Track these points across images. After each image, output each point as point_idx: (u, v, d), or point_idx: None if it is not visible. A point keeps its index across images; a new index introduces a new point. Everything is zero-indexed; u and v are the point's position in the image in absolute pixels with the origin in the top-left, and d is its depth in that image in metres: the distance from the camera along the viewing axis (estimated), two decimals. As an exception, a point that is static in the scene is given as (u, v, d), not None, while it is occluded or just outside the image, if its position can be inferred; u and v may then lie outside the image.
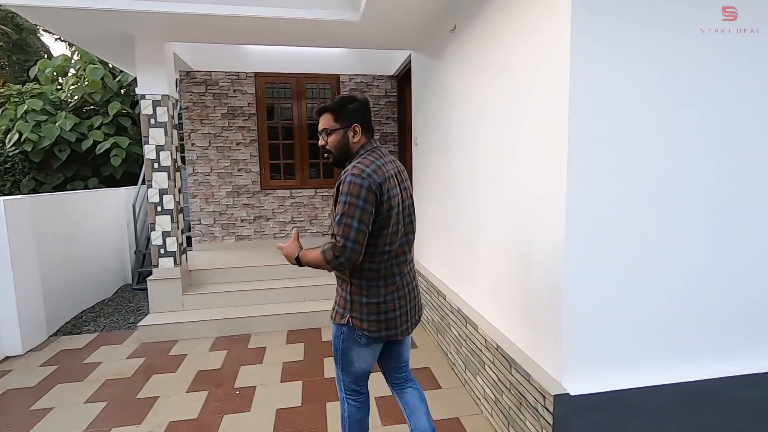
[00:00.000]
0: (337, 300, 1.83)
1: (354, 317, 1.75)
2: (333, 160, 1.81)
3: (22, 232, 3.67)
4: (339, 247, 1.58)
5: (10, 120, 7.92)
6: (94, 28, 3.69)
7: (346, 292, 1.77)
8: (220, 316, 4.04)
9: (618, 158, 1.81)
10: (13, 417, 2.70)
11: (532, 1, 2.01)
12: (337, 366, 1.88)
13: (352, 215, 1.58)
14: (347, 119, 1.76)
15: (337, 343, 1.83)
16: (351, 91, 5.67)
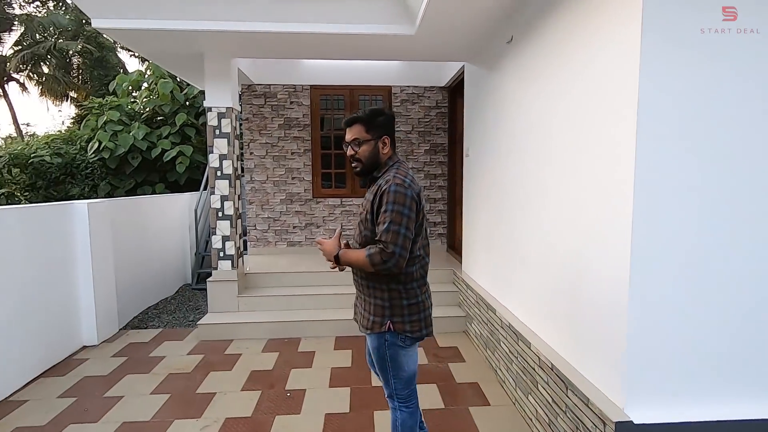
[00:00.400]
0: (369, 310, 1.84)
1: (395, 321, 1.80)
2: (361, 169, 1.86)
3: (101, 233, 4.02)
4: (388, 253, 1.64)
5: (92, 130, 8.73)
6: (170, 46, 4.01)
7: (383, 299, 1.80)
8: (272, 319, 4.20)
9: (689, 172, 1.71)
10: (89, 402, 2.95)
11: (600, 16, 1.96)
12: (386, 375, 1.89)
13: (400, 222, 1.65)
14: (378, 131, 1.82)
15: (381, 351, 1.85)
16: (402, 103, 5.76)
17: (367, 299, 1.86)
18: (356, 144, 1.83)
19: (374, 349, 1.87)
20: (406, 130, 5.78)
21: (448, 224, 5.86)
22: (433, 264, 5.04)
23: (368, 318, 1.85)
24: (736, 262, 1.75)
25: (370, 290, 1.84)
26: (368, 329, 1.85)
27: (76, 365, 3.52)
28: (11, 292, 3.12)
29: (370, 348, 1.90)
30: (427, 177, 5.85)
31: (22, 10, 18.54)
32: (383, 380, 1.93)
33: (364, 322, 1.87)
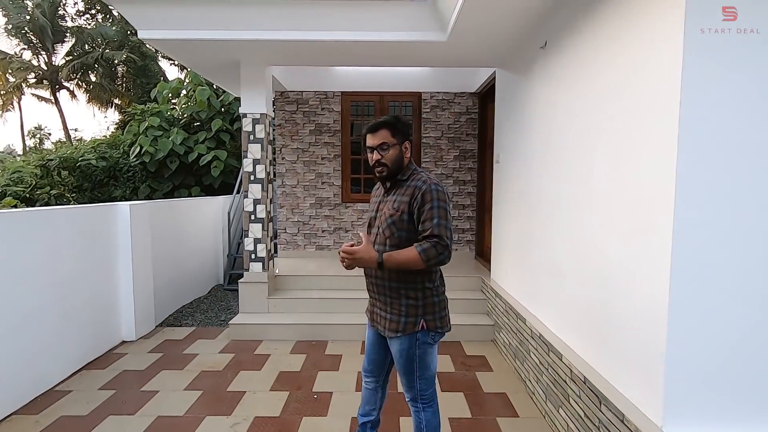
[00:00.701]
0: (400, 312, 1.87)
1: (428, 320, 1.87)
2: (387, 173, 1.89)
3: (141, 233, 4.21)
4: (443, 246, 1.75)
5: (134, 135, 9.16)
6: (208, 55, 4.18)
7: (416, 299, 1.87)
8: (301, 321, 4.26)
9: (733, 181, 1.63)
10: (127, 395, 3.08)
11: (643, 18, 1.91)
12: (411, 376, 1.92)
13: (446, 218, 1.79)
14: (401, 136, 1.90)
15: (411, 353, 1.88)
16: (432, 109, 5.76)
17: (395, 302, 1.88)
18: (382, 148, 1.87)
19: (402, 351, 1.88)
20: (435, 135, 5.77)
21: (477, 231, 5.79)
22: (461, 271, 5.02)
23: (399, 321, 1.86)
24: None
25: (401, 292, 1.86)
26: (400, 332, 1.86)
27: (115, 359, 3.69)
28: (61, 287, 3.31)
29: (398, 351, 1.90)
30: (456, 183, 5.81)
31: (74, 22, 19.74)
32: (407, 382, 1.94)
33: (393, 326, 1.87)
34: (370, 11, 3.51)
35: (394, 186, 1.93)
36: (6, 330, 2.80)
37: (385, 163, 1.87)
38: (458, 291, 4.72)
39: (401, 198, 1.85)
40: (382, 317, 1.94)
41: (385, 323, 1.92)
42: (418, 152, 5.79)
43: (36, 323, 3.07)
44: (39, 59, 18.91)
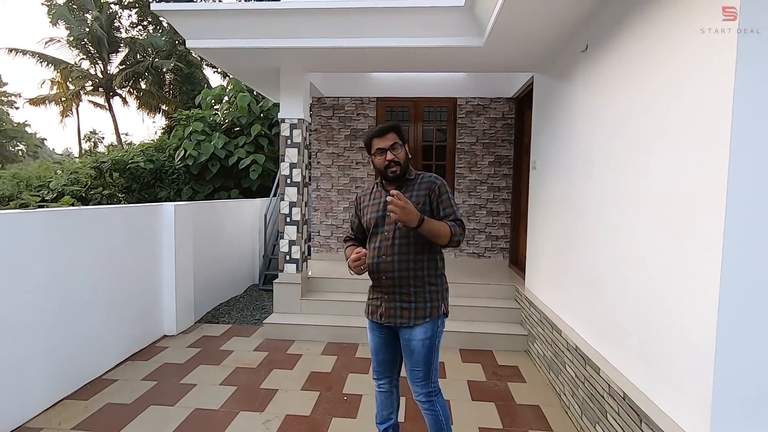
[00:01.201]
0: (426, 298, 1.99)
1: (445, 305, 2.06)
2: (400, 172, 2.02)
3: (184, 232, 4.42)
4: (464, 227, 1.99)
5: (179, 139, 9.62)
6: (250, 62, 4.35)
7: (437, 284, 2.04)
8: (332, 323, 4.32)
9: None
10: (167, 387, 3.23)
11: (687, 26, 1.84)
12: (429, 365, 2.00)
13: (456, 206, 2.06)
14: (403, 139, 2.08)
15: (435, 338, 2.00)
16: (467, 114, 5.72)
17: (420, 290, 1.99)
18: (394, 148, 2.00)
19: (426, 340, 1.96)
20: (470, 141, 5.73)
21: (512, 239, 5.68)
22: (494, 279, 4.94)
23: (425, 307, 1.98)
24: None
25: (426, 279, 2.00)
26: (427, 317, 1.97)
27: (157, 352, 3.87)
28: (112, 281, 3.52)
29: (421, 339, 1.96)
30: (491, 189, 5.73)
31: (127, 33, 21.02)
32: (424, 373, 1.99)
33: (421, 314, 1.97)
34: (406, 18, 3.55)
35: (402, 185, 2.06)
36: (63, 319, 3.01)
37: (398, 162, 2.00)
38: (491, 299, 4.65)
39: (418, 192, 2.02)
40: (405, 309, 1.99)
41: (409, 313, 1.98)
42: (452, 158, 5.77)
43: (89, 314, 3.28)
44: (96, 68, 20.24)
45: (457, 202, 5.74)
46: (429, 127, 5.83)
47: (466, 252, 5.78)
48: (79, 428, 2.66)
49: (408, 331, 1.99)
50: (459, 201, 5.77)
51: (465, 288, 4.74)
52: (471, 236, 5.76)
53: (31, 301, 2.76)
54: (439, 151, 5.83)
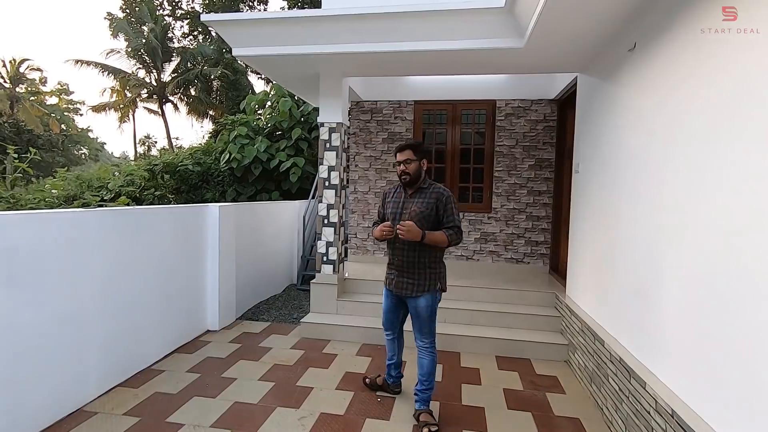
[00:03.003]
0: (427, 278, 2.73)
1: (441, 284, 2.79)
2: (409, 180, 2.72)
3: (228, 232, 4.61)
4: (461, 232, 2.71)
5: (224, 143, 10.04)
6: (292, 68, 4.49)
7: (435, 269, 2.76)
8: (367, 324, 4.35)
9: None
10: (209, 379, 3.37)
11: (746, 11, 1.72)
12: (430, 325, 2.81)
13: (458, 215, 2.73)
14: (420, 155, 2.74)
15: (434, 307, 2.79)
16: (506, 117, 5.61)
17: (421, 272, 2.73)
18: (408, 163, 2.71)
19: (427, 307, 2.76)
20: (509, 144, 5.61)
21: (552, 245, 5.50)
22: (533, 286, 4.81)
23: (425, 284, 2.73)
24: None
25: (428, 263, 2.72)
26: (426, 291, 2.73)
27: (201, 346, 4.05)
28: (162, 276, 3.73)
29: (422, 307, 2.75)
30: (531, 194, 5.58)
31: (179, 43, 22.24)
32: (426, 330, 2.81)
33: (421, 288, 2.74)
34: (445, 21, 3.54)
35: (417, 192, 2.75)
36: (118, 311, 3.22)
37: (408, 173, 2.71)
38: (530, 306, 4.52)
39: (428, 200, 2.69)
40: (413, 283, 2.75)
41: (414, 287, 2.75)
42: (490, 161, 5.67)
43: (141, 307, 3.49)
44: (150, 77, 21.54)
45: (495, 206, 5.64)
46: (467, 130, 5.76)
47: (504, 258, 5.66)
48: (129, 414, 2.84)
49: (413, 300, 2.78)
50: (497, 205, 5.66)
51: (502, 294, 4.64)
52: (509, 241, 5.64)
53: (91, 292, 2.98)
54: (477, 154, 5.75)
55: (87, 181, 10.24)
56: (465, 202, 5.79)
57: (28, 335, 2.53)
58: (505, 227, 5.64)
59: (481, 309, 4.44)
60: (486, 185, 5.71)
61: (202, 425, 2.73)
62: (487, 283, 4.85)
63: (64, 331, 2.77)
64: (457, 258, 5.77)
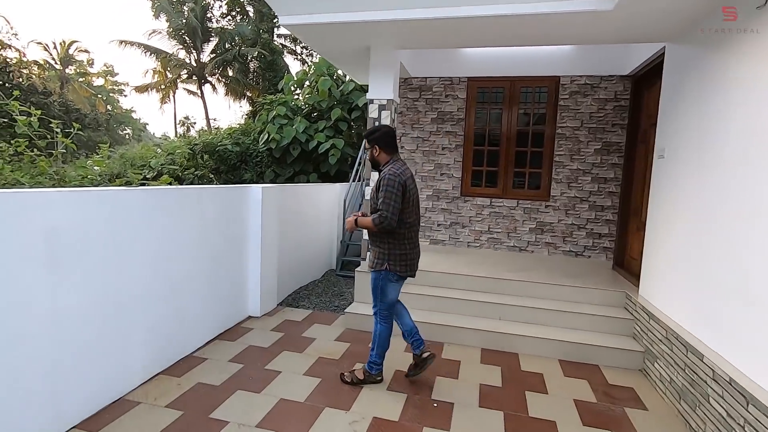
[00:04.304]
0: (375, 255, 2.94)
1: (390, 264, 2.84)
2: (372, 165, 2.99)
3: (270, 214, 4.39)
4: (383, 217, 2.68)
5: (263, 123, 9.89)
6: (341, 40, 4.15)
7: (383, 249, 2.87)
8: (415, 318, 4.04)
9: None
10: (253, 371, 3.19)
11: None
12: (375, 299, 3.01)
13: (391, 198, 2.69)
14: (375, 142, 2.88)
15: (378, 283, 2.92)
16: (571, 95, 5.07)
17: (374, 250, 2.91)
18: (366, 149, 2.95)
19: (372, 280, 2.93)
20: (573, 126, 5.09)
21: (618, 237, 4.99)
22: (595, 282, 4.37)
23: (373, 260, 2.90)
24: None
25: (377, 243, 2.86)
26: (373, 267, 2.90)
27: (243, 333, 3.89)
28: (206, 260, 3.56)
29: (370, 280, 2.95)
30: (595, 181, 5.06)
31: (218, 24, 22.27)
32: (373, 301, 2.99)
33: (371, 264, 2.92)
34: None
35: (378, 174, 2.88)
36: (162, 295, 3.07)
37: (371, 159, 2.95)
38: (595, 306, 4.09)
39: (376, 184, 2.81)
40: (369, 258, 2.99)
41: (369, 261, 2.98)
42: (551, 144, 5.17)
43: (185, 291, 3.33)
44: (190, 57, 21.76)
45: (554, 194, 5.16)
46: (526, 109, 5.27)
47: (562, 250, 5.20)
48: (172, 406, 2.68)
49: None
50: (557, 193, 5.18)
51: (564, 291, 4.22)
52: (569, 232, 5.17)
53: (136, 276, 2.82)
54: (536, 137, 5.26)
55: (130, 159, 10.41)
56: (520, 188, 5.34)
57: (71, 321, 2.38)
58: (564, 217, 5.16)
59: (540, 306, 4.05)
60: (545, 171, 5.23)
61: (247, 424, 2.53)
62: (545, 278, 4.44)
63: (107, 316, 2.62)
64: (509, 249, 5.36)
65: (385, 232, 2.77)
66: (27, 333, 2.16)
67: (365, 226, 2.83)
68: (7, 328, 2.06)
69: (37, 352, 2.21)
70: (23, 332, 2.14)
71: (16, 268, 2.08)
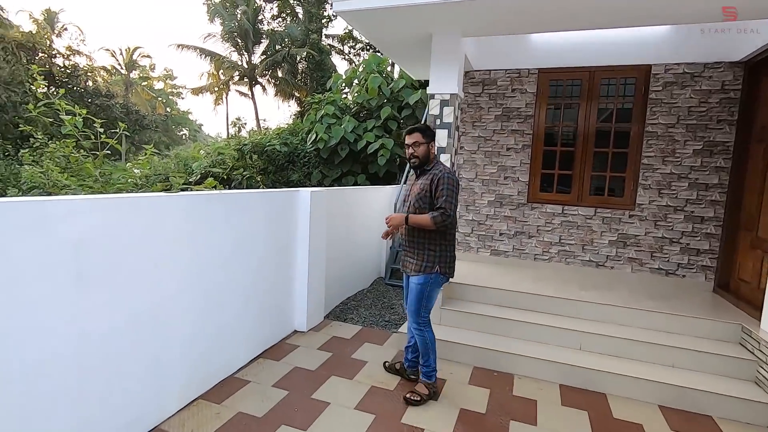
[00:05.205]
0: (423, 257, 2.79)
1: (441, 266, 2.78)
2: (418, 163, 2.82)
3: (319, 220, 4.05)
4: (445, 213, 2.61)
5: (311, 123, 9.69)
6: (400, 27, 3.72)
7: (433, 251, 2.77)
8: (478, 343, 3.55)
9: None
10: (298, 401, 2.82)
11: None
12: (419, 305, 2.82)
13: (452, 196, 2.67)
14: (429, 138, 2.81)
15: (426, 289, 2.79)
16: (665, 87, 4.33)
17: (420, 252, 2.77)
18: (417, 146, 2.79)
19: (417, 286, 2.77)
20: (667, 122, 4.35)
21: (722, 255, 4.20)
22: (693, 308, 3.63)
23: (421, 264, 2.76)
24: None
25: (426, 244, 2.74)
26: (420, 271, 2.76)
27: (288, 351, 3.56)
28: (251, 270, 3.25)
29: (414, 284, 2.79)
30: (694, 186, 4.30)
31: (269, 26, 22.65)
32: (413, 309, 2.81)
33: (417, 268, 2.77)
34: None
35: (422, 174, 2.82)
36: (201, 311, 2.77)
37: (417, 156, 2.79)
38: (700, 339, 3.40)
39: (425, 181, 2.73)
40: (410, 262, 2.85)
41: (411, 267, 2.83)
42: (638, 144, 4.46)
43: (227, 306, 3.04)
44: (242, 59, 22.28)
45: (641, 202, 4.44)
46: (607, 104, 4.58)
47: (649, 267, 4.48)
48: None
49: (411, 278, 2.84)
50: (644, 200, 4.45)
51: (656, 318, 3.56)
52: (658, 247, 4.43)
53: (173, 291, 2.53)
54: (620, 136, 4.56)
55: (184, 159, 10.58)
56: (599, 194, 4.66)
57: (101, 345, 2.11)
58: (653, 229, 4.44)
59: (627, 337, 3.42)
60: (629, 175, 4.52)
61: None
62: (630, 301, 3.78)
63: (141, 337, 2.34)
64: (584, 263, 4.70)
65: (437, 233, 2.71)
66: (51, 360, 1.89)
67: (420, 224, 2.67)
68: (29, 356, 1.80)
69: (62, 381, 1.95)
70: (47, 359, 1.87)
71: (39, 287, 1.82)
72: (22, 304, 1.76)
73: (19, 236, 1.73)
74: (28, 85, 14.72)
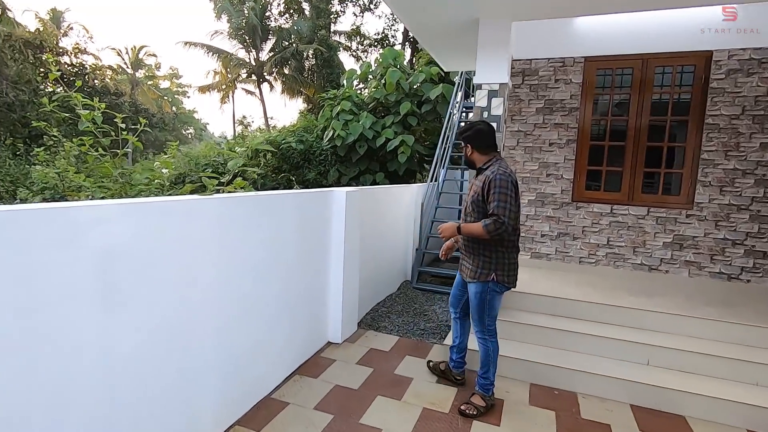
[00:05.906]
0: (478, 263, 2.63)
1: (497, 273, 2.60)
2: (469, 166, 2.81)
3: (354, 222, 3.74)
4: (498, 221, 2.41)
5: (326, 119, 9.38)
6: (444, 11, 3.39)
7: (489, 257, 2.60)
8: (533, 357, 3.23)
9: None
10: (346, 427, 2.51)
11: None
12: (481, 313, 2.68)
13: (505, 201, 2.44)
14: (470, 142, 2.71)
15: (485, 297, 2.64)
16: (728, 74, 3.98)
17: (476, 258, 2.62)
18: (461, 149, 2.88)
19: (476, 294, 2.63)
20: (730, 113, 3.99)
21: (792, 258, 3.84)
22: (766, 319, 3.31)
23: (477, 271, 2.60)
24: None
25: (481, 250, 2.59)
26: (476, 278, 2.60)
27: (325, 365, 3.25)
28: (282, 278, 2.93)
29: (472, 293, 2.66)
30: (760, 183, 3.94)
31: (276, 22, 22.33)
32: (476, 317, 2.69)
33: (473, 274, 2.62)
34: None
35: (478, 173, 2.68)
36: (238, 324, 2.47)
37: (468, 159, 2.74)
38: None
39: (478, 184, 2.59)
40: (467, 267, 2.69)
41: (467, 272, 2.69)
42: (696, 138, 4.11)
43: (263, 319, 2.73)
44: (250, 56, 21.98)
45: (700, 200, 4.09)
46: (661, 94, 4.23)
47: (709, 271, 4.13)
48: (253, 481, 2.06)
49: (469, 285, 2.70)
50: (704, 199, 4.10)
51: (728, 329, 3.22)
52: (720, 249, 4.08)
53: (206, 305, 2.22)
54: (676, 128, 4.21)
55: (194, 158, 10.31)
56: (652, 193, 4.31)
57: (130, 370, 1.81)
58: (713, 230, 4.09)
59: (700, 350, 3.08)
60: (687, 171, 4.17)
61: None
62: (694, 310, 3.44)
63: (173, 358, 2.04)
64: (635, 267, 4.35)
65: (492, 240, 2.51)
66: (76, 387, 1.59)
67: (473, 233, 2.50)
68: (52, 383, 1.50)
69: (87, 411, 1.64)
70: (71, 385, 1.57)
71: (64, 304, 1.52)
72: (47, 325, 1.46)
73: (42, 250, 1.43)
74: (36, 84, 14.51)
